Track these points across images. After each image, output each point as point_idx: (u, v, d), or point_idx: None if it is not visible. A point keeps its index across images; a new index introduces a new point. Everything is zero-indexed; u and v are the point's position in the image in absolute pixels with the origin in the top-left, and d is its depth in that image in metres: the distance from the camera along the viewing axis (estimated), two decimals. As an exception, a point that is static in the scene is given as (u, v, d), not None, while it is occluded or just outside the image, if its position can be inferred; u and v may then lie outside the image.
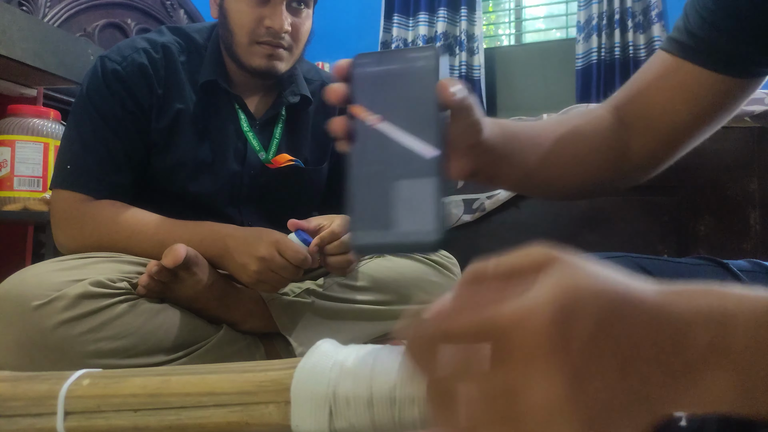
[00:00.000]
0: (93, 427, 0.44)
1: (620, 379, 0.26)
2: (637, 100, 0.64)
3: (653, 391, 0.26)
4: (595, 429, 0.25)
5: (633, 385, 0.26)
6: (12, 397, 0.45)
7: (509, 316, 0.26)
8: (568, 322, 0.25)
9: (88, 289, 0.80)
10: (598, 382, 0.25)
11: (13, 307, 0.78)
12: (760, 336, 0.26)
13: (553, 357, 0.25)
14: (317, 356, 0.43)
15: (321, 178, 1.12)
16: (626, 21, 2.64)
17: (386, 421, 0.40)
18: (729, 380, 0.27)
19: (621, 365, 0.26)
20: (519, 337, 0.25)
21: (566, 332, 0.25)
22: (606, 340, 0.26)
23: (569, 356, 0.25)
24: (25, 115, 1.43)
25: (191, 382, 0.44)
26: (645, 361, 0.26)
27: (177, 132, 0.99)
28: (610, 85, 2.61)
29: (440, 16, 2.95)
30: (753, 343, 0.26)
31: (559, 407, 0.25)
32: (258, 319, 0.95)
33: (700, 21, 0.60)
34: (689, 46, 0.61)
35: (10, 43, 1.28)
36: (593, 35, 2.68)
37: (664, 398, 0.27)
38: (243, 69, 1.01)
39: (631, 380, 0.26)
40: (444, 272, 1.10)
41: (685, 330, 0.27)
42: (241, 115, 1.03)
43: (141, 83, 0.96)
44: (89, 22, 2.01)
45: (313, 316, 0.97)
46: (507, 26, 3.18)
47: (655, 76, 0.63)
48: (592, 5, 2.69)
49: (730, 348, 0.26)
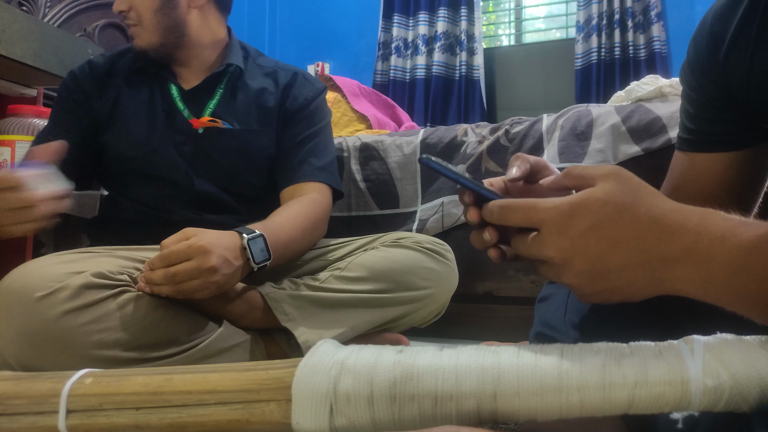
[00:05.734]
0: (95, 425, 0.44)
1: (600, 260, 0.42)
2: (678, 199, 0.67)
3: (633, 276, 0.42)
4: (584, 284, 0.44)
5: (612, 269, 0.42)
6: (14, 395, 0.46)
7: (543, 209, 0.44)
8: (572, 218, 0.43)
9: (90, 279, 0.81)
10: (581, 257, 0.43)
11: (16, 298, 0.79)
12: (722, 247, 0.40)
13: (557, 236, 0.43)
14: (318, 355, 0.44)
15: (258, 142, 1.15)
16: (626, 21, 2.64)
17: (386, 419, 0.40)
18: (694, 274, 0.41)
19: (599, 252, 0.42)
20: (544, 222, 0.44)
21: (568, 223, 0.43)
22: (592, 232, 0.42)
23: (566, 237, 0.43)
24: (25, 115, 1.44)
25: (193, 380, 0.44)
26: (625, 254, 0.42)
27: (116, 111, 1.13)
28: (609, 85, 2.61)
29: (440, 16, 2.95)
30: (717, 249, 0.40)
31: (560, 265, 0.44)
32: (257, 314, 0.96)
33: (691, 117, 0.66)
34: (692, 139, 0.67)
35: (10, 43, 1.28)
36: (593, 35, 2.68)
37: (642, 283, 0.42)
38: None
39: (610, 263, 0.42)
40: (438, 258, 1.11)
41: (669, 235, 0.41)
42: (173, 87, 1.15)
43: (88, 76, 1.15)
44: (89, 22, 2.01)
45: (312, 307, 0.98)
46: (507, 26, 3.18)
47: (680, 174, 0.68)
48: (592, 5, 2.69)
49: (699, 251, 0.41)
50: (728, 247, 0.40)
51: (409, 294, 1.06)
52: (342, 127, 2.06)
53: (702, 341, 0.41)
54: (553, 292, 0.67)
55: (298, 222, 1.02)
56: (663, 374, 0.39)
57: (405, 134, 1.65)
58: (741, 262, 0.39)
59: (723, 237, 0.40)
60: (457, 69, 2.93)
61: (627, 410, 0.40)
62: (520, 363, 0.41)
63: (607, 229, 0.42)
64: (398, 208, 1.59)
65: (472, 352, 0.42)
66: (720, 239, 0.40)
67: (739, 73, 0.59)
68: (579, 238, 0.42)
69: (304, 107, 1.18)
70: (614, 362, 0.40)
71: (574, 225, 0.42)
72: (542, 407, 0.40)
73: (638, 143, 1.36)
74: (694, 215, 0.42)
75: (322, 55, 3.20)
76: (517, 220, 0.45)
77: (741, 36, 0.58)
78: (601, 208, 0.42)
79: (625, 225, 0.42)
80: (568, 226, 0.42)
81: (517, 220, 0.45)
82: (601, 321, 0.59)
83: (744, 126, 0.62)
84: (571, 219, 0.42)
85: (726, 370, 0.39)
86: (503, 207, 0.46)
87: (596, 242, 0.42)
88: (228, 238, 0.88)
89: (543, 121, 1.49)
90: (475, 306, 1.49)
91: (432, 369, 0.41)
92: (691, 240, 0.41)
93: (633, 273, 0.42)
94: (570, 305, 0.63)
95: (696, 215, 0.42)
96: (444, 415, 0.40)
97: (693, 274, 0.41)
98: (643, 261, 0.42)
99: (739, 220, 0.42)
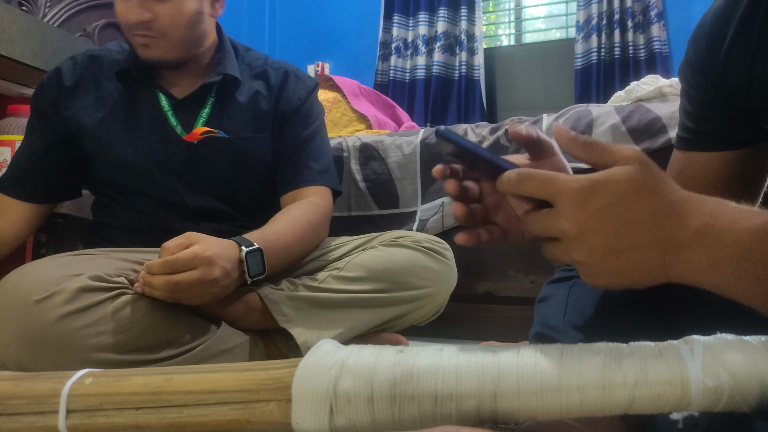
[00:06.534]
0: (95, 425, 0.44)
1: (615, 238, 0.42)
2: None
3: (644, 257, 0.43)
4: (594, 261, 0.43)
5: (624, 249, 0.42)
6: (14, 395, 0.46)
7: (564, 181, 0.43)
8: (593, 193, 0.42)
9: (87, 283, 0.81)
10: (597, 232, 0.42)
11: (14, 302, 0.79)
12: (732, 231, 0.41)
13: (575, 208, 0.43)
14: (318, 355, 0.44)
15: (254, 148, 1.11)
16: (626, 21, 2.64)
17: (386, 419, 0.40)
18: (702, 258, 0.42)
19: (616, 230, 0.42)
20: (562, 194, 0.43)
21: (587, 198, 0.42)
22: (611, 210, 0.42)
23: (584, 211, 0.42)
24: (25, 115, 1.43)
25: (193, 380, 0.44)
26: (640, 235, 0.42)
27: (95, 120, 1.07)
28: (609, 85, 2.61)
29: (440, 16, 2.95)
30: (727, 233, 0.41)
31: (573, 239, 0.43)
32: (256, 315, 0.95)
33: (690, 116, 0.67)
34: (690, 138, 0.67)
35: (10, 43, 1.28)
36: (593, 35, 2.68)
37: (651, 266, 0.43)
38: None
39: (624, 242, 0.42)
40: (437, 257, 1.11)
41: (683, 219, 0.42)
42: (162, 97, 1.08)
43: (51, 82, 1.09)
44: (89, 22, 2.01)
45: (310, 307, 0.98)
46: (507, 26, 3.18)
47: (679, 173, 0.68)
48: (592, 5, 2.69)
49: (710, 234, 0.42)
50: (737, 231, 0.41)
51: (407, 293, 1.06)
52: (342, 127, 2.06)
53: (702, 341, 0.41)
54: (553, 292, 0.67)
55: (298, 228, 1.01)
56: (663, 374, 0.39)
57: (405, 134, 1.65)
58: (749, 246, 0.40)
59: (733, 221, 0.41)
60: (456, 69, 2.93)
61: (627, 410, 0.40)
62: (520, 363, 0.41)
63: (625, 208, 0.42)
64: (398, 208, 1.59)
65: (472, 352, 0.42)
66: (730, 223, 0.41)
67: (739, 72, 0.59)
68: (597, 213, 0.42)
69: (298, 108, 1.15)
70: (614, 362, 0.40)
71: (594, 200, 0.42)
72: (542, 407, 0.40)
73: (638, 143, 1.36)
74: (708, 202, 0.43)
75: (322, 55, 3.20)
76: (534, 190, 0.44)
77: (742, 35, 0.58)
78: (622, 188, 0.42)
79: (643, 207, 0.42)
80: (587, 201, 0.42)
81: (534, 190, 0.44)
82: (601, 321, 0.59)
83: (743, 125, 0.62)
84: (592, 194, 0.42)
85: (726, 370, 0.39)
86: (521, 174, 0.45)
87: (614, 220, 0.42)
88: (229, 249, 0.88)
89: (543, 121, 1.49)
90: (475, 306, 1.49)
91: (432, 369, 0.41)
92: (703, 223, 0.42)
93: (645, 254, 0.42)
94: (570, 305, 0.63)
95: (710, 203, 0.43)
96: (444, 415, 0.40)
97: (702, 257, 0.42)
98: (656, 242, 0.42)
99: (749, 208, 0.43)
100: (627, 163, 0.43)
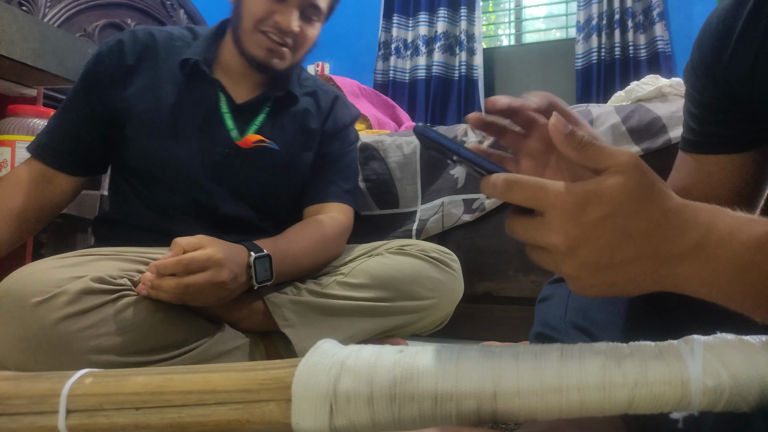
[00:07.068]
0: (95, 425, 0.44)
1: (608, 252, 0.40)
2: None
3: (637, 270, 0.41)
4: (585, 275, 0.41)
5: (618, 263, 0.40)
6: (14, 395, 0.46)
7: (554, 191, 0.41)
8: (586, 204, 0.40)
9: (89, 285, 0.81)
10: (590, 246, 0.40)
11: (14, 303, 0.78)
12: (730, 243, 0.40)
13: (567, 221, 0.40)
14: (318, 355, 0.44)
15: (300, 164, 1.12)
16: (626, 21, 2.64)
17: (386, 419, 0.40)
18: (699, 271, 0.40)
19: (609, 243, 0.40)
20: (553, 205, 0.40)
21: (580, 209, 0.40)
22: (606, 222, 0.39)
23: (576, 224, 0.40)
24: (25, 115, 1.43)
25: (193, 380, 0.44)
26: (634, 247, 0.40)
27: (146, 102, 1.03)
28: (610, 85, 2.61)
29: (440, 16, 2.95)
30: (725, 246, 0.40)
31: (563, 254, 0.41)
32: (257, 317, 0.95)
33: (694, 118, 0.66)
34: (696, 141, 0.66)
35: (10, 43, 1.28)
36: (593, 35, 2.68)
37: (643, 279, 0.41)
38: (243, 55, 1.05)
39: (618, 256, 0.40)
40: (443, 268, 1.10)
41: (679, 231, 0.40)
42: (222, 97, 1.07)
43: (112, 55, 1.04)
44: (89, 22, 2.01)
45: (312, 313, 0.97)
46: (507, 26, 3.18)
47: (685, 176, 0.67)
48: (592, 5, 2.69)
49: (706, 247, 0.40)
50: (735, 244, 0.39)
51: (411, 303, 1.05)
52: (342, 127, 2.05)
53: (702, 341, 0.41)
54: (554, 292, 0.67)
55: (312, 241, 1.01)
56: (663, 374, 0.39)
57: (405, 134, 1.65)
58: (747, 259, 0.39)
59: (731, 233, 0.40)
60: (456, 69, 2.93)
61: (627, 410, 0.40)
62: (520, 363, 0.41)
63: (620, 220, 0.39)
64: (398, 208, 1.59)
65: (472, 352, 0.42)
66: (728, 235, 0.40)
67: (743, 73, 0.59)
68: (591, 226, 0.39)
69: (341, 131, 1.18)
70: (614, 362, 0.40)
71: (587, 213, 0.39)
72: (542, 407, 0.40)
73: (638, 143, 1.36)
74: (704, 212, 0.41)
75: (322, 54, 3.20)
76: (522, 198, 0.41)
77: (746, 37, 0.58)
78: (616, 199, 0.39)
79: (639, 218, 0.40)
80: (580, 213, 0.39)
81: (522, 199, 0.41)
82: (601, 321, 0.59)
83: (748, 127, 0.62)
84: (585, 206, 0.39)
85: (726, 370, 0.39)
86: (509, 181, 0.42)
87: (607, 233, 0.39)
88: (238, 253, 0.88)
89: (543, 121, 1.49)
90: (475, 306, 1.49)
91: (432, 369, 0.41)
92: (700, 236, 0.40)
93: (638, 267, 0.40)
94: (570, 306, 0.63)
95: (706, 212, 0.41)
96: (444, 415, 0.40)
97: (699, 270, 0.40)
98: (650, 256, 0.40)
99: (747, 217, 0.41)
100: (621, 169, 0.40)
